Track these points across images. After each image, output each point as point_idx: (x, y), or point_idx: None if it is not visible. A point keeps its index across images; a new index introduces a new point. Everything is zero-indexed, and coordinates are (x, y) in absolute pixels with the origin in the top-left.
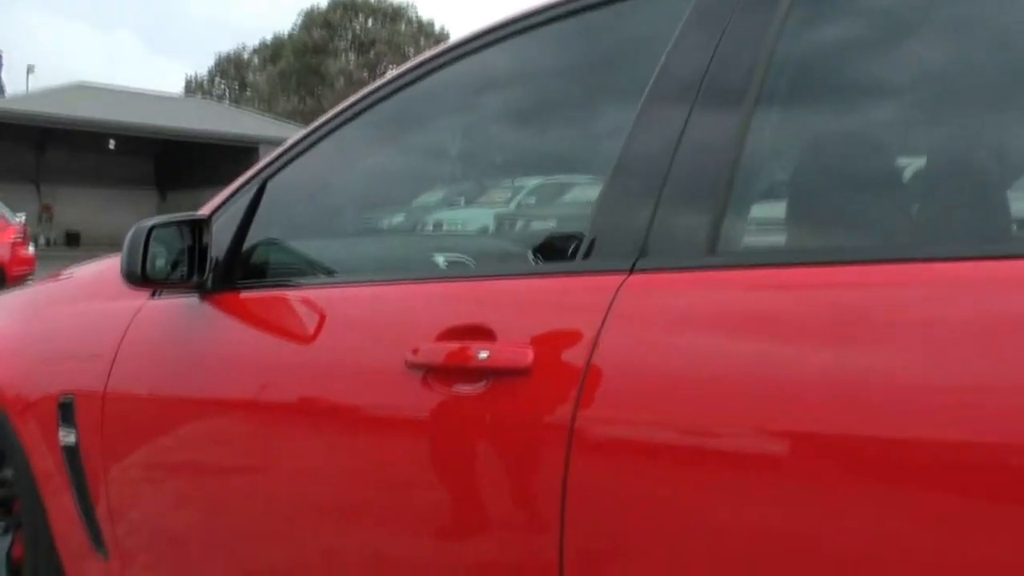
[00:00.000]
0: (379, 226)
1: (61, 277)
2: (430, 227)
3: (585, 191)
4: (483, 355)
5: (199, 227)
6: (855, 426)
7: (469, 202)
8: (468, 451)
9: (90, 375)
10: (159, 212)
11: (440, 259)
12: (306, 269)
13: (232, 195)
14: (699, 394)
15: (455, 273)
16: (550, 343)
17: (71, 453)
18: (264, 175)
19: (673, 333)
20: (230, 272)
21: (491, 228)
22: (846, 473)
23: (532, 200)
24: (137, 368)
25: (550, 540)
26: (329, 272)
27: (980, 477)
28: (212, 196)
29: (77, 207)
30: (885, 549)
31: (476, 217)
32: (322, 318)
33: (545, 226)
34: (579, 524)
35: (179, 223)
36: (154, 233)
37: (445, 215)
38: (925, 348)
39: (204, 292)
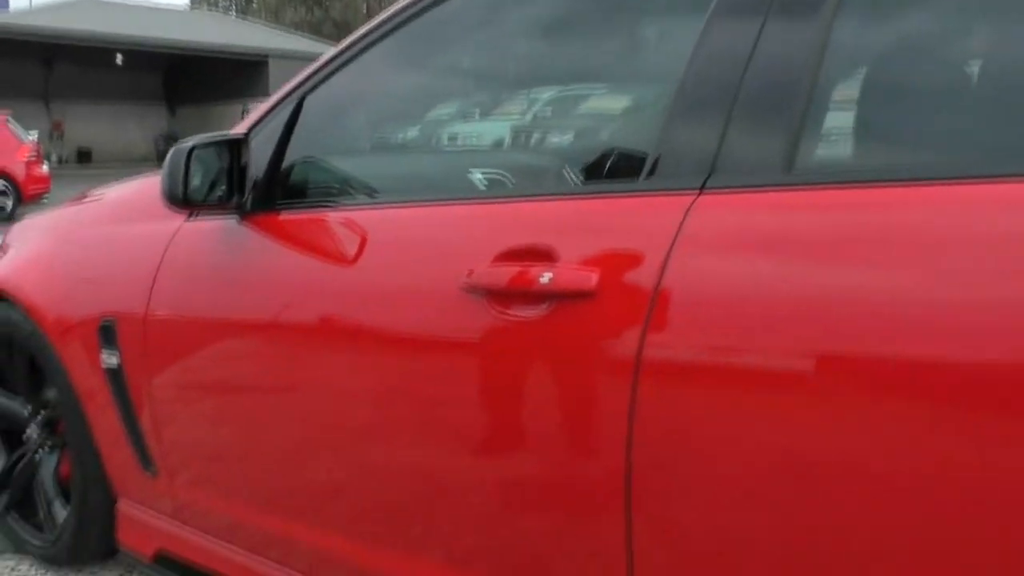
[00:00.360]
0: (423, 144)
1: (88, 199)
2: (476, 143)
3: (645, 106)
4: (546, 278)
5: (237, 146)
6: (945, 352)
7: (516, 116)
8: (527, 375)
9: (130, 298)
10: (169, 127)
11: (486, 177)
12: (347, 189)
13: (268, 112)
14: (772, 319)
15: (510, 193)
16: (616, 266)
17: (114, 375)
18: (302, 91)
19: (746, 256)
20: (269, 192)
21: (544, 144)
22: (930, 398)
23: (587, 114)
24: (177, 291)
25: (615, 467)
26: (372, 192)
27: None
28: (222, 111)
29: (87, 124)
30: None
31: (526, 132)
32: (367, 240)
33: (602, 143)
34: (645, 451)
35: (218, 143)
36: (194, 153)
37: (492, 129)
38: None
39: (243, 213)
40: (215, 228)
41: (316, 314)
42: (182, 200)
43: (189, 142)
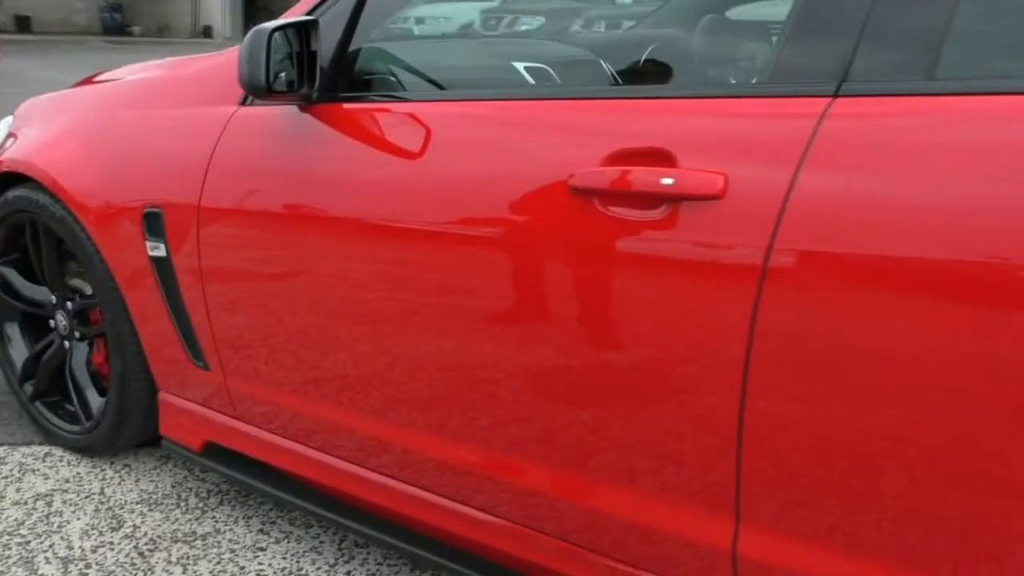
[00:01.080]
0: (511, 33)
1: (115, 79)
2: (575, 34)
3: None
4: (667, 181)
5: (307, 30)
6: None
7: (624, 7)
8: (638, 275)
9: (179, 187)
10: None
11: (592, 71)
12: (422, 80)
13: (320, 3)
14: (908, 231)
15: (618, 91)
16: (743, 170)
17: (161, 265)
18: None
19: (884, 165)
20: (333, 81)
21: (656, 38)
22: None
23: (706, 8)
24: (234, 181)
25: (731, 370)
26: (451, 85)
27: None
28: None
29: None
30: None
31: (637, 26)
32: (452, 135)
33: (719, 40)
34: (765, 362)
35: (295, 26)
36: (273, 37)
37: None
38: None
39: (307, 102)
40: (274, 116)
41: (386, 210)
42: (265, 88)
43: (268, 26)
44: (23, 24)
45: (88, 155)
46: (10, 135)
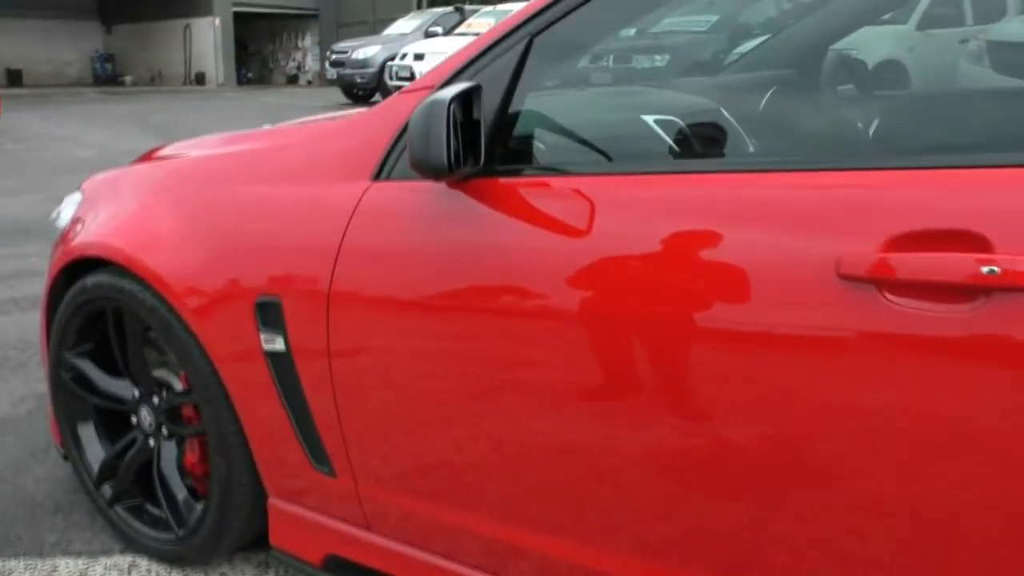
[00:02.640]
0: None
1: (177, 152)
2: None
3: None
4: (991, 269)
5: (470, 97)
6: None
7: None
8: (943, 380)
9: (303, 273)
10: (105, 47)
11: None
12: (594, 151)
13: (484, 54)
14: None
15: (866, 161)
16: None
17: (278, 361)
18: (530, 29)
19: None
20: (491, 152)
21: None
22: None
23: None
24: (375, 264)
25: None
26: (646, 156)
27: None
28: (163, 29)
29: (15, 42)
30: None
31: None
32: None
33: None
34: None
35: (460, 95)
36: (452, 109)
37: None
38: None
39: (460, 178)
40: (418, 192)
41: (581, 302)
42: (447, 170)
43: (447, 94)
44: (15, 78)
45: (185, 237)
46: (77, 218)
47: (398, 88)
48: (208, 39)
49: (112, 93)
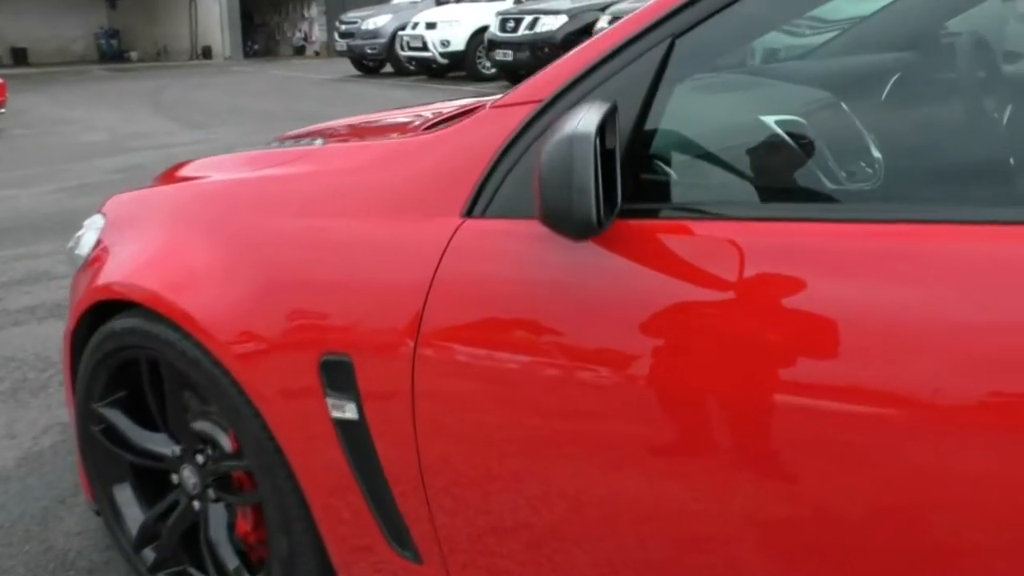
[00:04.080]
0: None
1: (219, 172)
2: None
3: None
4: None
5: (605, 122)
6: None
7: None
8: None
9: (379, 327)
10: (110, 23)
11: None
12: (768, 188)
13: (609, 59)
14: None
15: None
16: None
17: (350, 430)
18: (672, 28)
19: None
20: (624, 189)
21: None
22: None
23: None
24: (473, 322)
25: None
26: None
27: None
28: (168, 3)
29: (19, 19)
30: None
31: None
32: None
33: None
34: None
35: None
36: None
37: None
38: None
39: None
40: (519, 234)
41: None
42: (598, 226)
43: (590, 128)
44: (20, 56)
45: (230, 279)
46: (101, 247)
47: (410, 60)
48: (214, 12)
49: (119, 70)
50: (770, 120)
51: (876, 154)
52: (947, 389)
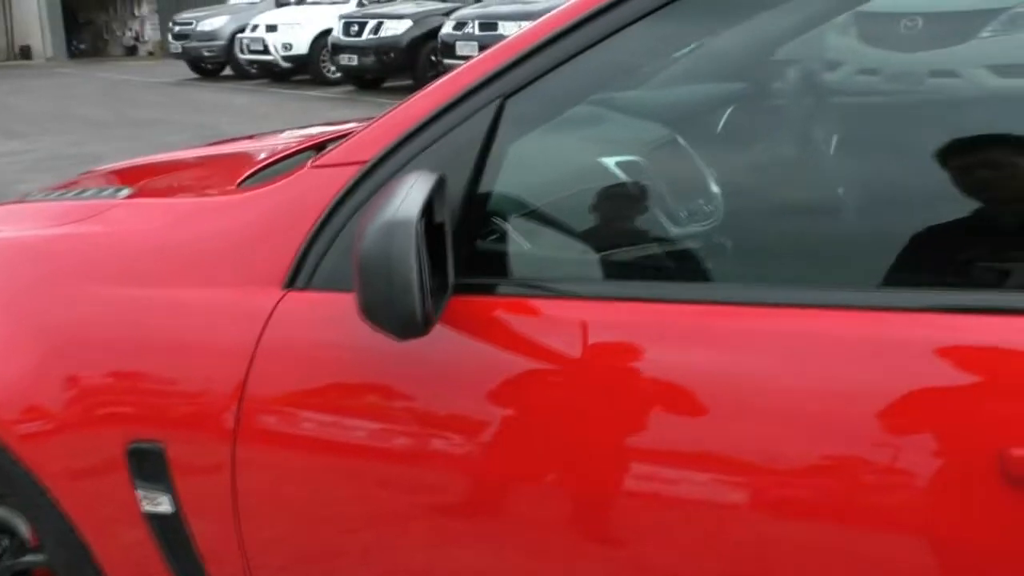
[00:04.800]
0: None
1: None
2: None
3: None
4: None
5: (432, 197)
6: None
7: None
8: None
9: (194, 411)
10: None
11: None
12: (608, 261)
13: (434, 121)
14: None
15: None
16: None
17: (164, 525)
18: (502, 87)
19: None
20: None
21: None
22: None
23: None
24: (298, 408)
25: None
26: (675, 271)
27: None
28: None
29: None
30: None
31: None
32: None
33: None
34: None
35: (425, 207)
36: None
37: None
38: None
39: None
40: (350, 312)
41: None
42: (423, 326)
43: (411, 214)
44: None
45: (20, 351)
46: None
47: (251, 63)
48: (31, 7)
49: None
50: (610, 163)
51: (715, 190)
52: (779, 454)
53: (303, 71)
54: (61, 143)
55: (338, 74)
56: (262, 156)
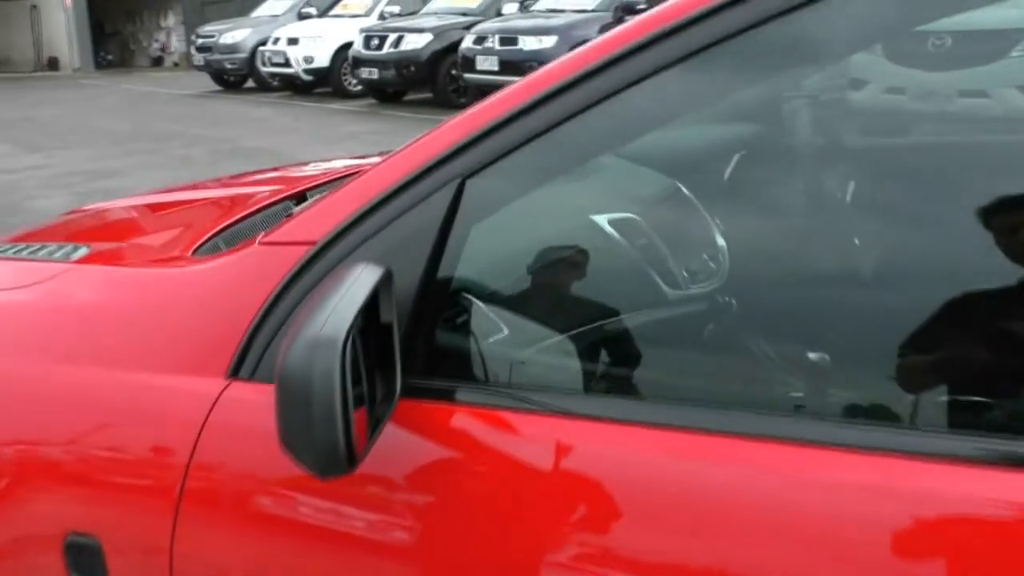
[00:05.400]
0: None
1: None
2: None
3: None
4: None
5: (377, 293)
6: None
7: None
8: None
9: (129, 507)
10: None
11: None
12: (578, 369)
13: (385, 202)
14: None
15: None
16: None
17: None
18: (459, 169)
19: None
20: (407, 363)
21: None
22: None
23: None
24: (237, 503)
25: None
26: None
27: None
28: (3, 11)
29: None
30: None
31: None
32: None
33: None
34: None
35: (356, 319)
36: (347, 351)
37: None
38: None
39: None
40: None
41: None
42: (347, 465)
43: (338, 332)
44: None
45: None
46: None
47: (273, 76)
48: (59, 20)
49: None
50: (602, 220)
51: (720, 242)
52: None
53: (324, 84)
54: (80, 157)
55: (359, 87)
56: (236, 210)
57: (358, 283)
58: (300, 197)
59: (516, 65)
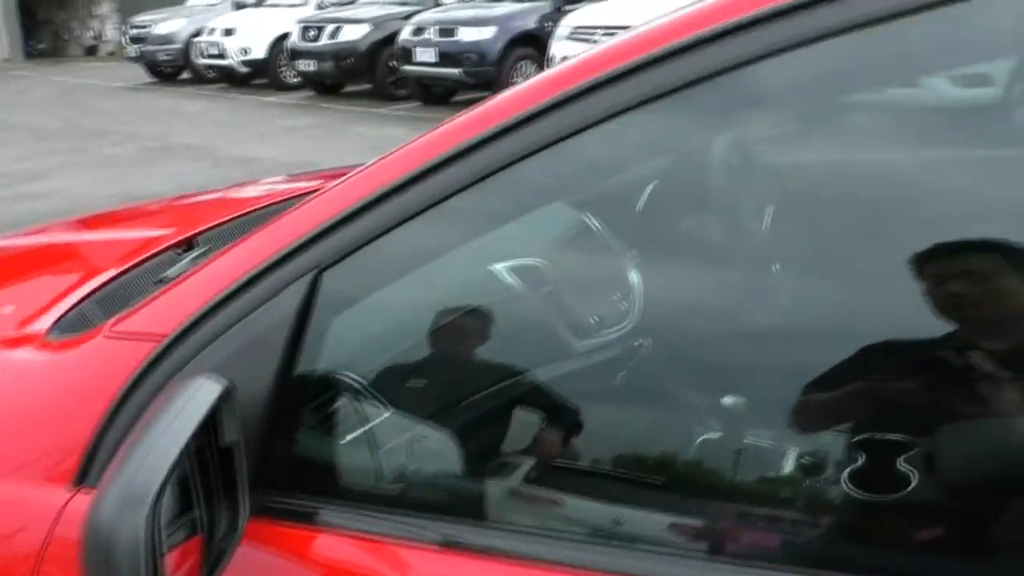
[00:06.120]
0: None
1: None
2: None
3: None
4: None
5: (215, 411)
6: None
7: None
8: None
9: None
10: None
11: None
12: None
13: (234, 296)
14: None
15: None
16: None
17: None
18: (314, 259)
19: None
20: (258, 484)
21: None
22: None
23: None
24: None
25: None
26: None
27: None
28: None
29: None
30: None
31: None
32: None
33: None
34: None
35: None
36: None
37: None
38: None
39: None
40: None
41: None
42: None
43: (146, 485)
44: None
45: None
46: None
47: (209, 68)
48: None
49: None
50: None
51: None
52: None
53: (262, 75)
54: (3, 158)
55: (297, 79)
56: (116, 259)
57: (192, 403)
58: (188, 244)
59: (455, 57)
